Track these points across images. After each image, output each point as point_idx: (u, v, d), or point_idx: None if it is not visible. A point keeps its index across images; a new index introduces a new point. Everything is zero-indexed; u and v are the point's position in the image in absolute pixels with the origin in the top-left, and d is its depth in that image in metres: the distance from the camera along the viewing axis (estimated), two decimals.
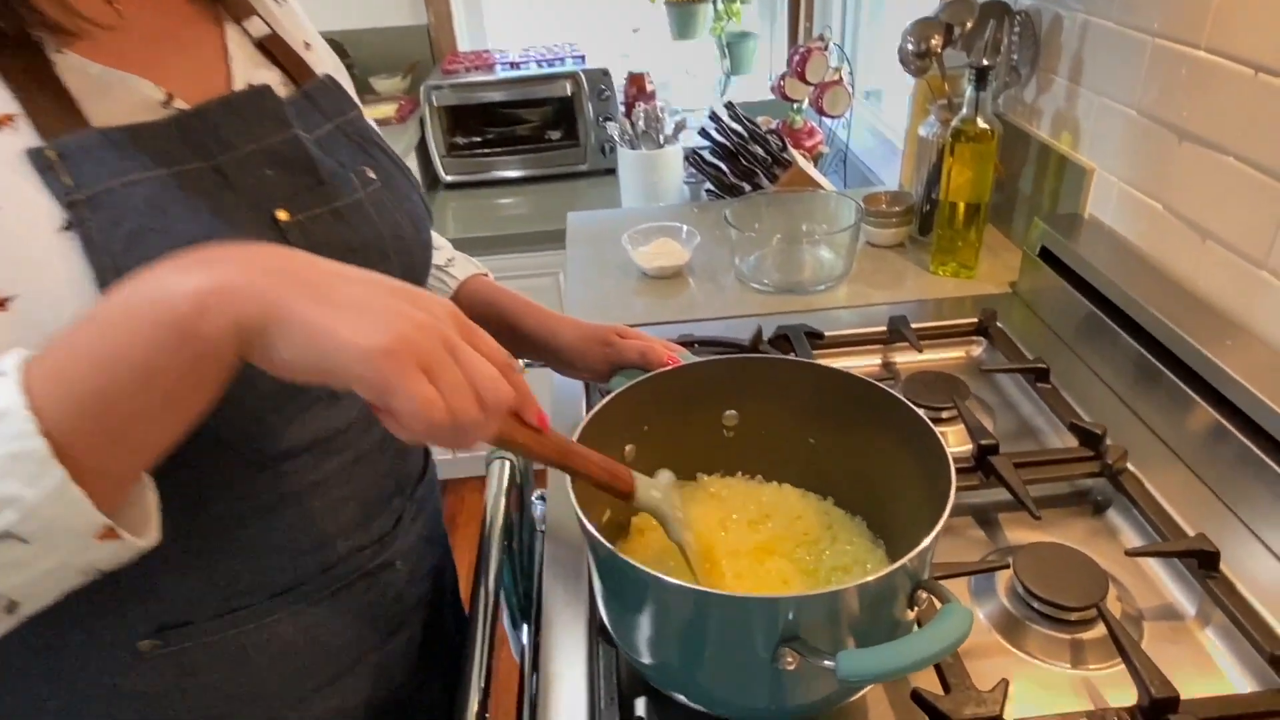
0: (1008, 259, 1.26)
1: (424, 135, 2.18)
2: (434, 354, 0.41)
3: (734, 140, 1.63)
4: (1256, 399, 0.76)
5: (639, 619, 0.58)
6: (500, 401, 0.44)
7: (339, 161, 0.61)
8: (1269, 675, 0.64)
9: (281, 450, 0.57)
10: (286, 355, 0.40)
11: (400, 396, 0.40)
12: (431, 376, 0.41)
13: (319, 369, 0.40)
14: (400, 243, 0.63)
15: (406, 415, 0.40)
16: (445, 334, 0.42)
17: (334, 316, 0.39)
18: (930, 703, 0.60)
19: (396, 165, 0.67)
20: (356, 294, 0.41)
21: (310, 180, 0.57)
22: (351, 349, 0.39)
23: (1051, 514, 0.81)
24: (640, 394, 0.70)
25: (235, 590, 0.59)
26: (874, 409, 0.67)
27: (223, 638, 0.59)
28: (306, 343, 0.40)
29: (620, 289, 1.28)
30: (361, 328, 0.39)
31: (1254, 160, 0.82)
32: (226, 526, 0.57)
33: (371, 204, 0.61)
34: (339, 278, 0.42)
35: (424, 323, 0.41)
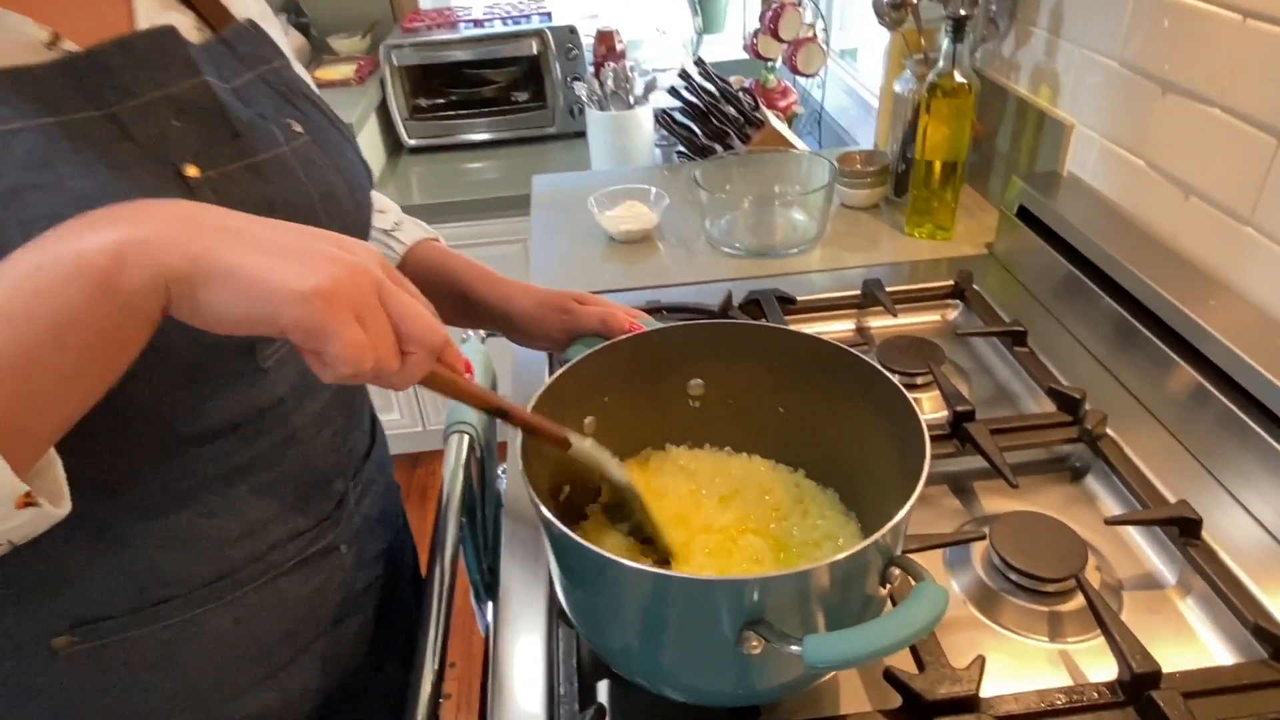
0: (984, 220, 1.23)
1: (385, 97, 2.10)
2: (365, 298, 0.40)
3: (705, 100, 1.58)
4: (1239, 359, 0.73)
5: (595, 603, 0.55)
6: (434, 344, 0.42)
7: (259, 113, 0.56)
8: (1251, 646, 0.61)
9: (198, 431, 0.53)
10: (214, 306, 0.38)
11: (334, 340, 0.38)
12: (362, 321, 0.39)
13: (249, 317, 0.38)
14: (332, 203, 0.58)
15: (336, 359, 0.39)
16: (375, 277, 0.41)
17: (261, 262, 0.38)
18: (904, 682, 0.57)
19: (329, 119, 0.62)
20: (281, 239, 0.39)
21: (224, 132, 0.52)
22: (284, 292, 0.37)
23: (1029, 481, 0.78)
24: (600, 363, 0.66)
25: (156, 582, 0.55)
26: (846, 376, 0.64)
27: (145, 633, 0.55)
28: (235, 290, 0.38)
29: (587, 254, 1.23)
30: (291, 271, 0.38)
31: (1241, 111, 0.79)
32: (141, 514, 0.53)
33: (297, 160, 0.57)
34: (262, 224, 0.40)
35: (354, 265, 0.40)
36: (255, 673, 0.61)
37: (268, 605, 0.60)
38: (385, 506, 0.74)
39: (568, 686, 0.61)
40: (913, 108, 1.20)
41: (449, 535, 0.78)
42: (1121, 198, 0.99)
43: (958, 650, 0.63)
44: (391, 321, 0.41)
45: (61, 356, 0.37)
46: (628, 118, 1.82)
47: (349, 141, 0.64)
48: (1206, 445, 0.78)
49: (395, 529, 0.78)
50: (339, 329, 0.38)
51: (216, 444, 0.54)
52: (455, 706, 1.77)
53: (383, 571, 0.73)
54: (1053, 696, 0.57)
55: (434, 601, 0.72)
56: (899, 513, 0.50)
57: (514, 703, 0.62)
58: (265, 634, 0.61)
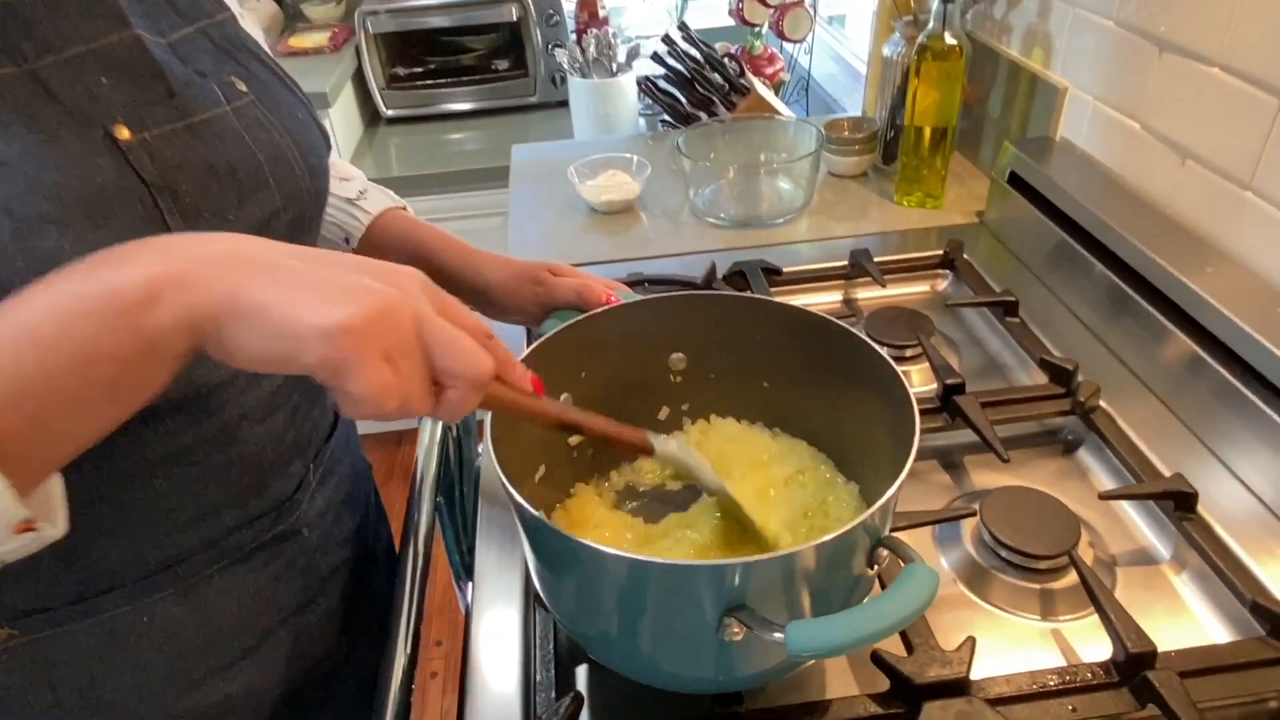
0: (975, 187, 1.20)
1: (361, 66, 2.04)
2: (398, 335, 0.37)
3: (689, 66, 1.54)
4: (1237, 327, 0.71)
5: (571, 589, 0.52)
6: (478, 379, 0.39)
7: (199, 70, 0.52)
8: (1247, 622, 0.60)
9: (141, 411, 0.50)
10: (244, 345, 0.36)
11: (356, 381, 0.36)
12: (391, 360, 0.37)
13: (278, 356, 0.36)
14: (282, 167, 0.55)
15: (358, 399, 0.36)
16: (415, 310, 0.38)
17: (292, 299, 0.36)
18: (892, 665, 0.55)
19: (279, 79, 0.59)
20: (316, 273, 0.37)
21: (158, 91, 0.49)
22: (306, 329, 0.35)
23: (1020, 455, 0.76)
24: (576, 336, 0.63)
25: (99, 571, 0.52)
26: (833, 348, 0.61)
27: (90, 624, 0.53)
28: (264, 329, 0.36)
29: (567, 226, 1.20)
30: (321, 307, 0.36)
31: (1241, 71, 0.76)
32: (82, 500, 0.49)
33: (241, 121, 0.53)
34: (297, 258, 0.38)
35: (389, 299, 0.37)
36: (213, 662, 0.59)
37: (223, 593, 0.58)
38: (353, 488, 0.71)
39: (544, 673, 0.59)
40: (902, 72, 1.16)
41: (423, 516, 0.76)
42: (1116, 163, 0.96)
43: (947, 630, 0.61)
44: (430, 357, 0.38)
45: (83, 388, 0.36)
46: (610, 86, 1.77)
47: (301, 102, 0.60)
48: (1202, 417, 0.76)
49: (365, 510, 0.76)
50: (360, 369, 0.35)
51: (159, 424, 0.51)
52: (442, 684, 1.76)
53: (351, 554, 0.70)
54: (1045, 677, 0.56)
55: (407, 584, 0.70)
56: (887, 492, 0.47)
57: (489, 690, 0.60)
58: (222, 622, 0.58)
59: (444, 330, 0.38)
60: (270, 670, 0.63)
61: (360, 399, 0.36)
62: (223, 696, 0.60)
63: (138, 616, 0.54)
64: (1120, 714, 0.54)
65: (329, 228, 0.75)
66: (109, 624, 0.53)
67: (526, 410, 0.46)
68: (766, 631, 0.43)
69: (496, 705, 0.59)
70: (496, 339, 0.43)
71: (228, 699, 0.60)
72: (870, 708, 0.55)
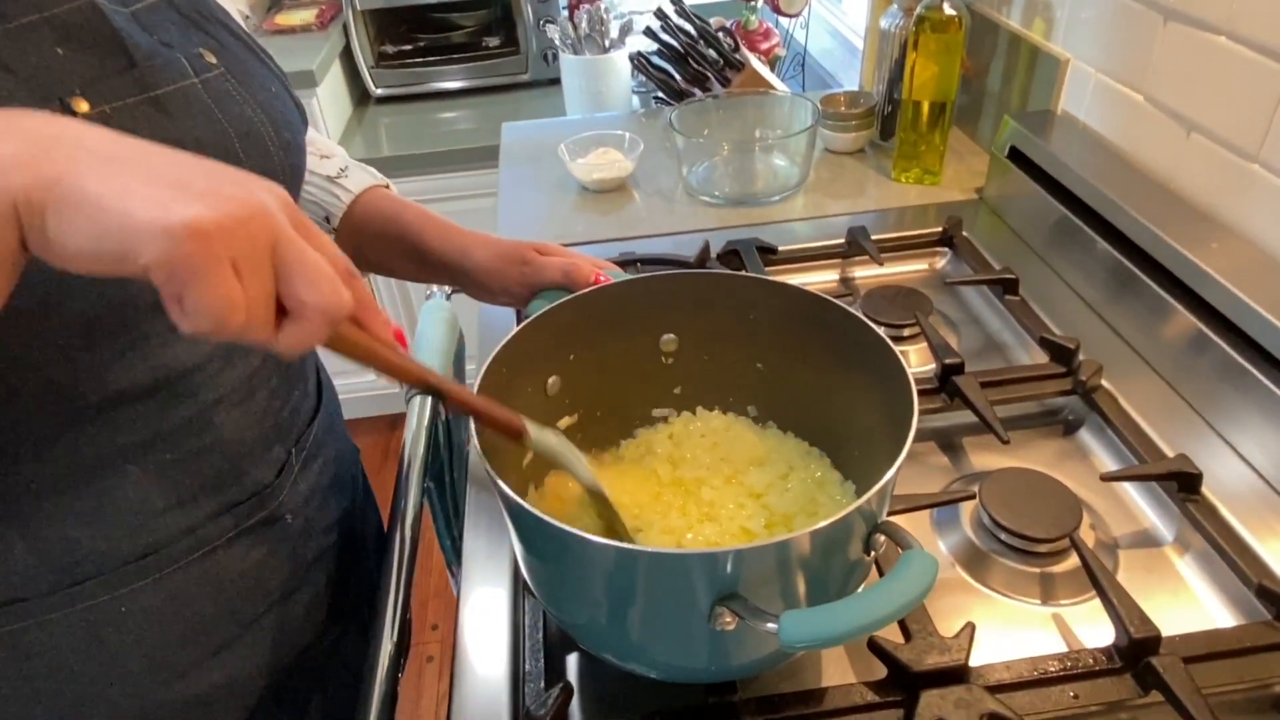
0: (974, 163, 1.17)
1: (349, 43, 2.00)
2: (251, 246, 0.33)
3: (683, 41, 1.50)
4: (1242, 303, 0.69)
5: (558, 578, 0.51)
6: (331, 310, 0.35)
7: (164, 41, 0.50)
8: (1252, 605, 0.59)
9: (106, 397, 0.48)
10: (70, 240, 0.32)
11: (199, 290, 0.32)
12: (239, 272, 0.33)
13: (105, 252, 0.32)
14: (254, 143, 0.53)
15: (197, 310, 0.32)
16: (273, 224, 0.34)
17: (133, 190, 0.32)
18: (889, 652, 0.54)
19: (251, 50, 0.56)
20: (164, 167, 0.33)
21: (119, 62, 0.46)
22: (147, 224, 0.31)
23: (1020, 436, 0.75)
24: (563, 317, 0.61)
25: (74, 560, 0.50)
26: (828, 328, 0.60)
27: (66, 614, 0.51)
28: (89, 219, 0.31)
29: (558, 205, 1.18)
30: (168, 203, 0.31)
31: (1249, 39, 0.74)
32: (50, 488, 0.48)
33: (210, 94, 0.51)
34: (147, 150, 0.34)
35: (248, 206, 0.33)
36: (195, 652, 0.57)
37: (203, 581, 0.56)
38: (338, 472, 0.70)
39: (534, 663, 0.57)
40: (899, 44, 1.13)
41: (410, 501, 0.74)
42: (1119, 136, 0.94)
43: (946, 615, 0.59)
44: (281, 279, 0.34)
45: None
46: (603, 62, 1.74)
47: (275, 75, 0.58)
48: (1207, 396, 0.74)
49: (352, 494, 0.74)
50: (207, 276, 0.31)
51: (130, 410, 0.49)
52: (438, 669, 1.76)
53: (338, 540, 0.69)
54: (1046, 664, 0.54)
55: (393, 570, 0.68)
56: (884, 476, 0.46)
57: (476, 680, 0.59)
58: (202, 611, 0.56)
59: (303, 253, 0.34)
60: (255, 659, 0.61)
61: (201, 311, 0.32)
62: (206, 687, 0.58)
63: (115, 607, 0.52)
64: (1123, 701, 0.53)
65: (308, 206, 0.73)
66: (85, 615, 0.52)
67: (381, 361, 0.41)
68: (759, 622, 0.42)
69: (484, 695, 0.58)
70: (359, 278, 0.39)
71: (211, 689, 0.59)
72: (867, 696, 0.54)
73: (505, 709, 0.56)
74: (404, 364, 0.43)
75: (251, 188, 0.34)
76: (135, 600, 0.53)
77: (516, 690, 0.57)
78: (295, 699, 0.67)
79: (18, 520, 0.48)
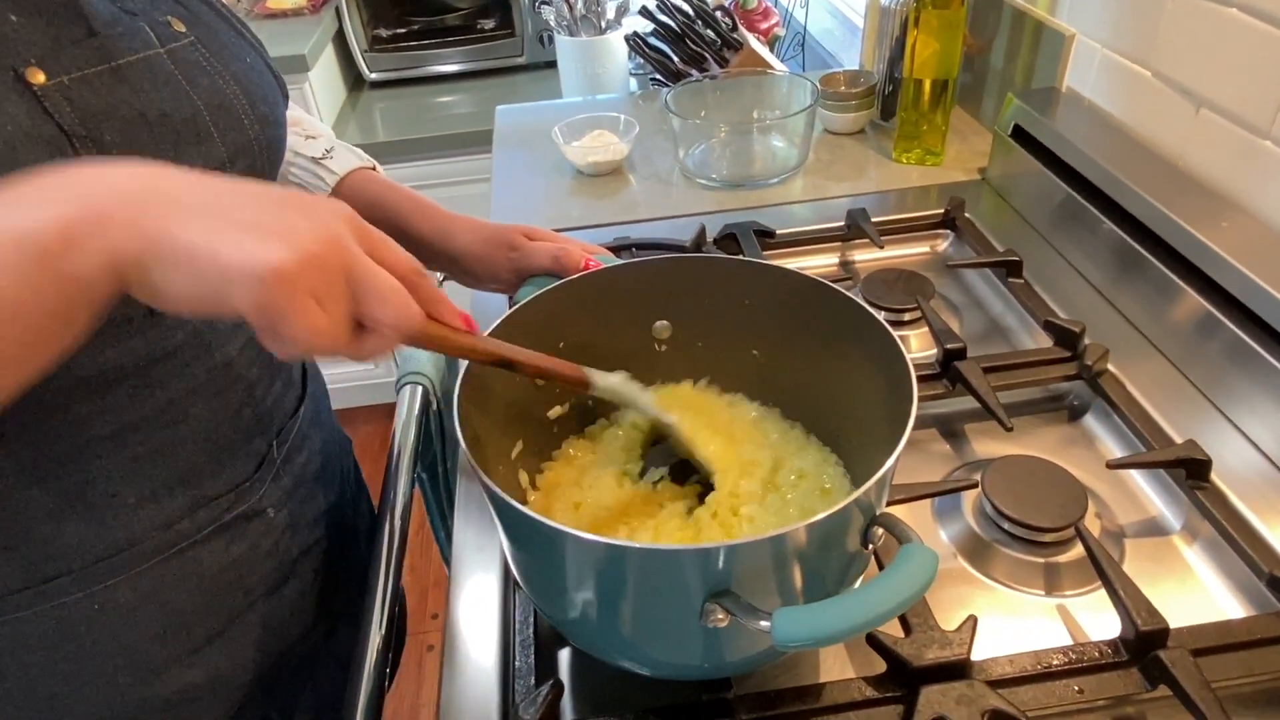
0: (977, 143, 1.15)
1: (341, 27, 1.97)
2: (329, 280, 0.36)
3: (680, 21, 1.48)
4: (1253, 284, 0.67)
5: (546, 574, 0.49)
6: (403, 327, 0.38)
7: (126, 9, 0.48)
8: (1262, 596, 0.57)
9: (74, 384, 0.47)
10: (170, 288, 0.35)
11: (291, 325, 0.35)
12: (321, 302, 0.35)
13: (207, 298, 0.35)
14: (225, 115, 0.51)
15: (291, 342, 0.35)
16: (344, 252, 0.36)
17: (217, 239, 0.34)
18: (888, 647, 0.53)
19: (225, 19, 0.54)
20: (241, 209, 0.35)
21: (77, 30, 0.45)
22: (240, 273, 0.34)
23: (1024, 422, 0.73)
24: (553, 304, 0.60)
25: (44, 556, 0.49)
26: (826, 313, 0.58)
27: (37, 612, 0.50)
28: (191, 271, 0.34)
29: (553, 189, 1.15)
30: (251, 247, 0.34)
31: (1261, 10, 0.71)
32: (17, 481, 0.47)
33: (177, 64, 0.49)
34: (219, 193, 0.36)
35: (320, 239, 0.35)
36: (173, 650, 0.56)
37: (181, 577, 0.55)
38: (325, 464, 0.68)
39: (523, 659, 0.56)
40: (900, 22, 1.11)
41: (399, 491, 0.73)
42: (1125, 113, 0.91)
43: (947, 607, 0.58)
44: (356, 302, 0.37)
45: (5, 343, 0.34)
46: (599, 44, 1.71)
47: (252, 46, 0.56)
48: (1216, 380, 0.72)
49: (341, 486, 0.72)
50: (294, 312, 0.34)
51: (99, 400, 0.48)
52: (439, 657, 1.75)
53: (326, 533, 0.67)
54: (1050, 657, 0.53)
55: (382, 561, 0.67)
56: (883, 466, 0.44)
57: (465, 676, 0.57)
58: (181, 608, 0.55)
59: (374, 277, 0.37)
60: (239, 656, 0.60)
61: (293, 341, 0.35)
62: (187, 684, 0.57)
63: (88, 603, 0.51)
64: (1129, 695, 0.51)
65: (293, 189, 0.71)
66: (57, 612, 0.51)
67: (457, 347, 0.45)
68: (752, 620, 0.40)
69: (473, 692, 0.56)
70: (426, 275, 0.42)
71: (192, 686, 0.58)
72: (866, 691, 0.52)
73: (495, 706, 0.55)
74: (476, 345, 0.47)
75: (321, 216, 0.37)
76: (109, 597, 0.52)
77: (506, 686, 0.56)
78: (284, 693, 0.66)
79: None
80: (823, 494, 0.58)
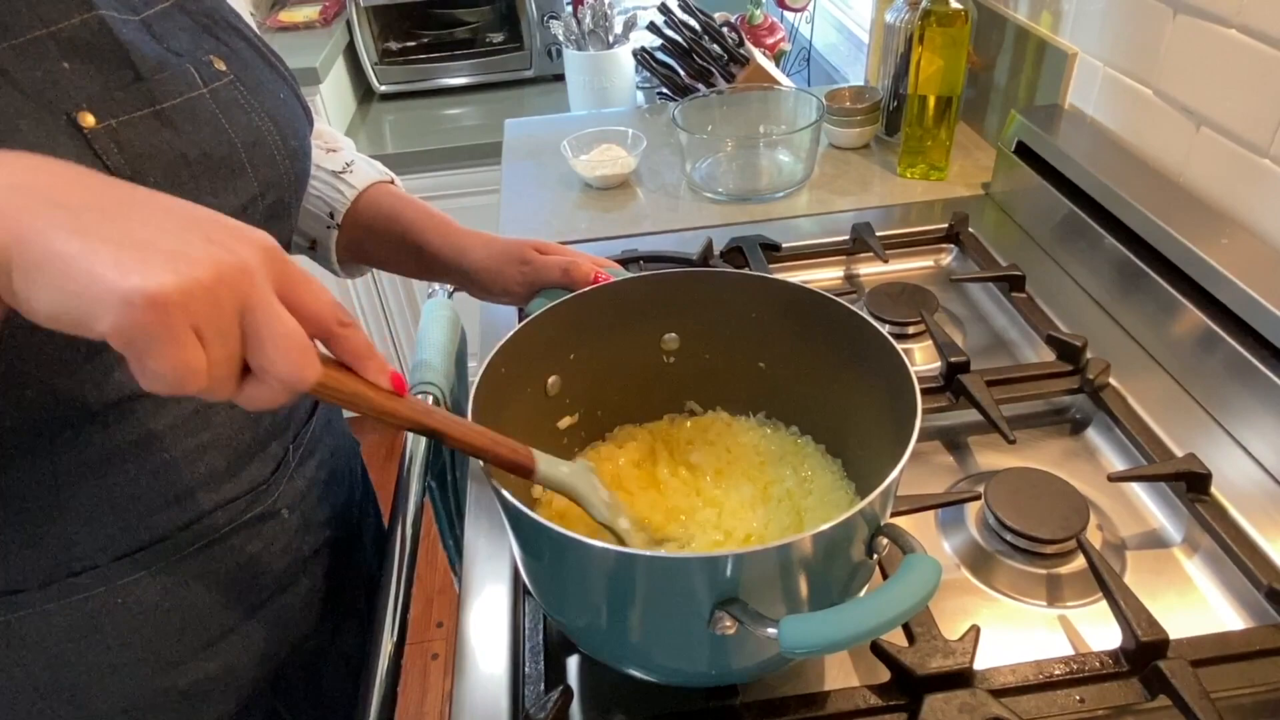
0: (981, 158, 1.16)
1: (352, 40, 2.00)
2: (215, 315, 0.32)
3: (687, 36, 1.50)
4: (1253, 301, 0.68)
5: (557, 580, 0.50)
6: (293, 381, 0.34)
7: (173, 50, 0.50)
8: (1262, 608, 0.58)
9: (108, 400, 0.48)
10: (35, 297, 0.31)
11: (156, 359, 0.31)
12: (203, 340, 0.32)
13: (71, 316, 0.31)
14: (260, 152, 0.53)
15: (155, 375, 0.32)
16: (245, 289, 0.33)
17: (95, 249, 0.31)
18: (892, 655, 0.53)
19: (261, 54, 0.57)
20: (140, 225, 0.32)
21: (124, 75, 0.47)
22: (110, 293, 0.30)
23: (1027, 435, 0.74)
24: (563, 317, 0.61)
25: (72, 554, 0.51)
26: (831, 326, 0.59)
27: (63, 605, 0.52)
28: (57, 282, 0.31)
29: (561, 202, 1.17)
30: (130, 267, 0.30)
31: (1261, 32, 0.72)
32: (49, 485, 0.49)
33: (218, 103, 0.51)
34: (122, 202, 0.33)
35: (218, 268, 0.32)
36: (191, 643, 0.58)
37: (199, 574, 0.56)
38: (336, 467, 0.70)
39: (533, 665, 0.57)
40: (905, 38, 1.12)
41: (411, 499, 0.74)
42: (1127, 130, 0.93)
43: (950, 617, 0.59)
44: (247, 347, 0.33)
45: None
46: (607, 58, 1.73)
47: (284, 79, 0.58)
48: (1216, 394, 0.73)
49: (350, 490, 0.74)
50: (164, 345, 0.31)
51: (129, 411, 0.50)
52: (443, 666, 1.76)
53: (336, 534, 0.69)
54: (1051, 667, 0.54)
55: (394, 568, 0.68)
56: (888, 478, 0.45)
57: (476, 682, 0.58)
58: (199, 604, 0.57)
59: (272, 322, 0.33)
60: (251, 650, 0.62)
61: (159, 376, 0.32)
62: (201, 676, 0.59)
63: (111, 599, 0.53)
64: (1130, 705, 0.52)
65: (313, 201, 0.73)
66: (82, 606, 0.52)
67: (372, 406, 0.40)
68: (759, 627, 0.41)
69: (484, 697, 0.57)
70: (354, 326, 0.38)
71: (206, 679, 0.59)
72: (870, 700, 0.53)
73: (505, 711, 0.56)
74: (397, 408, 0.41)
75: (230, 243, 0.33)
76: (131, 593, 0.53)
77: (517, 692, 0.57)
78: (291, 689, 0.67)
79: (17, 516, 0.49)
80: (827, 505, 0.59)
